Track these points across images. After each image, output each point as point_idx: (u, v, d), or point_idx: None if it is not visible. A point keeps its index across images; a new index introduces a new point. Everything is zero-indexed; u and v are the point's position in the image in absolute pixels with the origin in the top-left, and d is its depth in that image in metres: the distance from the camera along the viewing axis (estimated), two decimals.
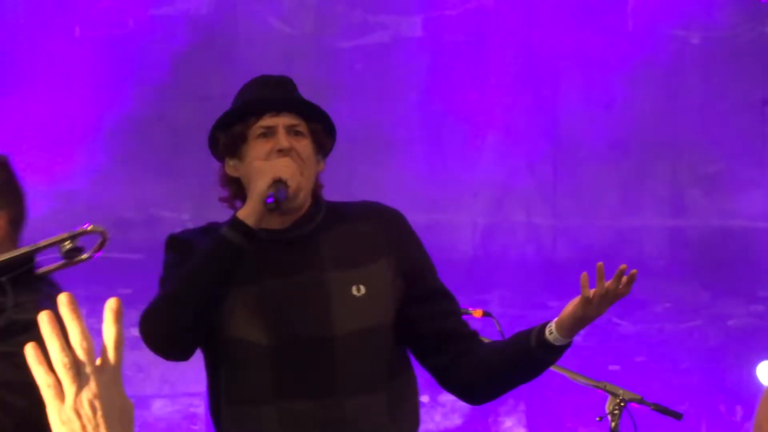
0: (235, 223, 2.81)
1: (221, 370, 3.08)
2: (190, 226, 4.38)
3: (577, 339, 3.20)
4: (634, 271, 2.92)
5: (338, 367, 2.99)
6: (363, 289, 3.05)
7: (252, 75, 3.45)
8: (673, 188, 6.57)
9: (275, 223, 2.99)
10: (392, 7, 6.53)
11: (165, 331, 2.85)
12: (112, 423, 1.30)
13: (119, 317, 1.27)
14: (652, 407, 4.29)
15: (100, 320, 1.29)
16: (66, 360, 1.25)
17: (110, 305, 1.27)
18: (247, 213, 2.89)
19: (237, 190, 3.18)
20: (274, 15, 6.49)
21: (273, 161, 3.07)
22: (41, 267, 2.70)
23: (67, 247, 2.64)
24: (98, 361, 1.28)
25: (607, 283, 2.86)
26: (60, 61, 6.33)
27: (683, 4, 6.64)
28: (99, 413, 1.28)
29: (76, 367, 1.26)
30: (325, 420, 2.92)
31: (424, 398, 5.36)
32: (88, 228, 2.72)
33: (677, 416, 4.46)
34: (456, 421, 6.13)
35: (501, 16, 6.56)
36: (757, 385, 5.74)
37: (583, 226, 6.54)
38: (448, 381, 3.14)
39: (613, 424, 4.25)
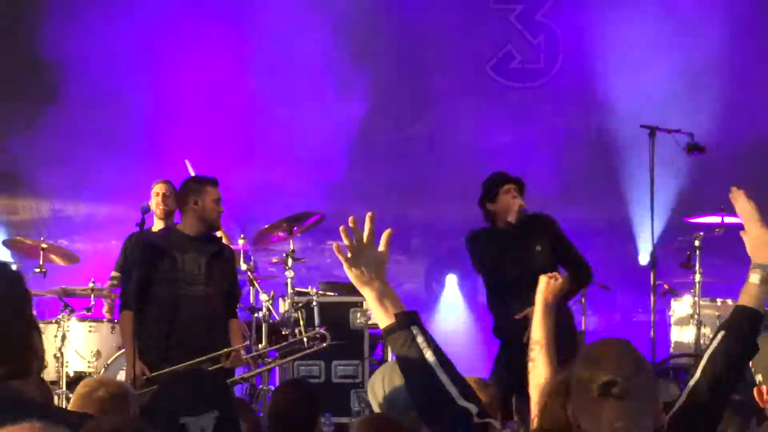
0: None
1: (491, 288, 7.53)
2: None
3: None
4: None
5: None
6: (540, 248, 7.33)
7: None
8: None
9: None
10: None
11: None
12: (371, 268, 2.97)
13: (372, 220, 2.95)
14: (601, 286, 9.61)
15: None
16: (346, 244, 2.89)
17: (370, 216, 2.95)
18: (511, 216, 7.32)
19: (492, 218, 7.56)
20: None
21: (514, 200, 7.48)
22: None
23: None
24: (365, 240, 2.95)
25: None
26: None
27: None
28: (364, 265, 2.96)
29: (356, 248, 2.91)
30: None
31: None
32: None
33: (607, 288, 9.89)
34: None
35: None
36: None
37: None
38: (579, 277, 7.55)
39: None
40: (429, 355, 3.30)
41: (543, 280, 4.26)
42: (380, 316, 3.30)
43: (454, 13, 12.35)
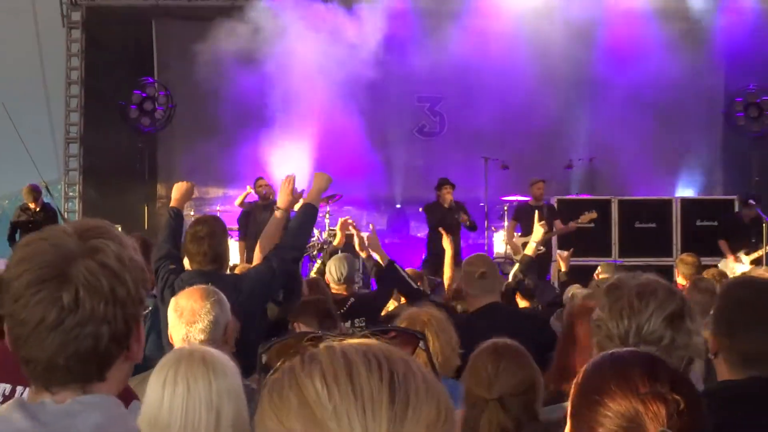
0: None
1: (433, 230, 9.29)
2: None
3: None
4: None
5: None
6: (458, 216, 9.43)
7: None
8: None
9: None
10: None
11: None
12: None
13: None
14: None
15: None
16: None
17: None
18: (446, 204, 9.82)
19: (437, 198, 10.20)
20: None
21: (448, 195, 9.98)
22: None
23: None
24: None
25: None
26: None
27: None
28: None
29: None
30: None
31: None
32: None
33: None
34: None
35: None
36: None
37: None
38: None
39: None
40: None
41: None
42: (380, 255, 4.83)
43: (399, 106, 14.40)
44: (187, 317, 3.04)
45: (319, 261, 5.73)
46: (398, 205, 14.08)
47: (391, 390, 0.94)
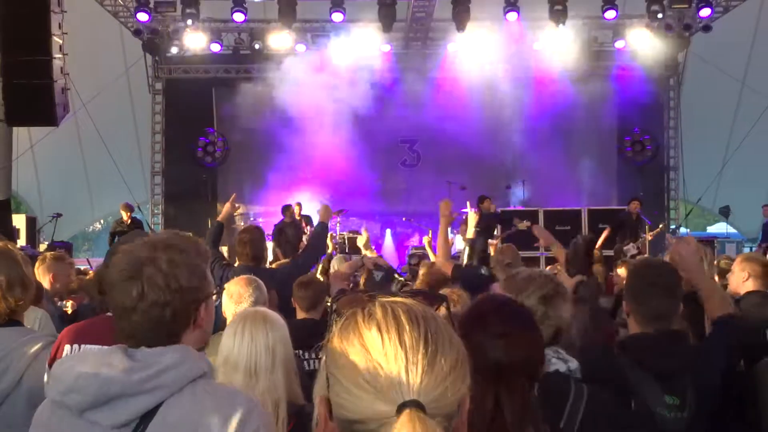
0: None
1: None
2: None
3: None
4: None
5: None
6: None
7: None
8: None
9: None
10: None
11: None
12: None
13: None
14: None
15: None
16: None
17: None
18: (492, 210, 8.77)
19: (480, 208, 9.25)
20: None
21: (491, 207, 9.63)
22: None
23: None
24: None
25: None
26: None
27: None
28: None
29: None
30: None
31: None
32: None
33: None
34: None
35: None
36: None
37: None
38: None
39: None
40: None
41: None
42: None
43: (387, 145, 14.49)
44: (236, 299, 3.06)
45: (319, 265, 5.93)
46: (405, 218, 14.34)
47: (426, 341, 0.97)
